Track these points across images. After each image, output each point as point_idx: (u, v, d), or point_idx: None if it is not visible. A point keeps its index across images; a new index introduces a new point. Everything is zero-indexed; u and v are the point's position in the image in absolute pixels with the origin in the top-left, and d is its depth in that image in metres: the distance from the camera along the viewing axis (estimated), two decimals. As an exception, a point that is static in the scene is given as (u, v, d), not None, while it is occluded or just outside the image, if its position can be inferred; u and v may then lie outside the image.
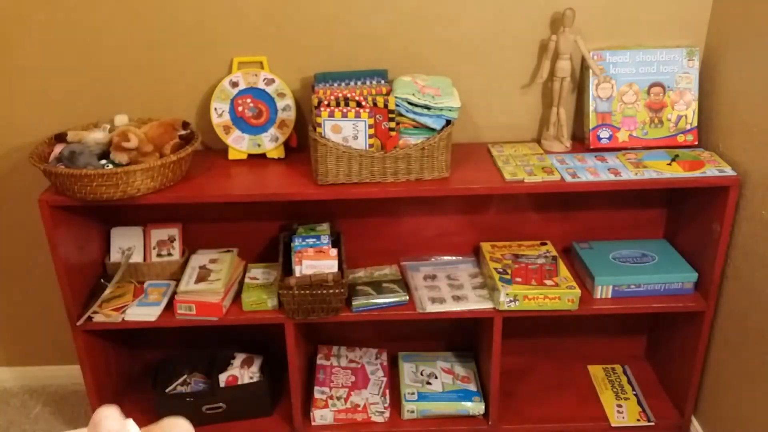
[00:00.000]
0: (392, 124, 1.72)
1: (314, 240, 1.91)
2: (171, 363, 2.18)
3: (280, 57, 1.92)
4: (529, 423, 2.07)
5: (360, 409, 2.05)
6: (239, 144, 1.93)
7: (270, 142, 1.94)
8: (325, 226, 2.03)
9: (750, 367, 1.79)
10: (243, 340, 2.21)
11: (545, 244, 2.09)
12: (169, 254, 2.02)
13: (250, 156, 1.95)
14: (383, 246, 2.12)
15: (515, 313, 1.88)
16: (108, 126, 1.87)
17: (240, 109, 1.91)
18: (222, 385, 2.07)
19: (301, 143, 1.97)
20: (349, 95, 1.73)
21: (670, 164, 1.82)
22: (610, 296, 1.92)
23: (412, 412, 2.06)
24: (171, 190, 1.76)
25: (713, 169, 1.78)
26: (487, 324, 1.98)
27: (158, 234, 2.04)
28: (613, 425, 2.06)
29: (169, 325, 1.89)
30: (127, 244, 2.02)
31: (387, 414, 2.06)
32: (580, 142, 2.01)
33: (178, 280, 1.94)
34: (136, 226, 2.04)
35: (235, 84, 1.90)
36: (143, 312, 1.88)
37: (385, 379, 2.16)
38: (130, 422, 1.03)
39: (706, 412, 2.03)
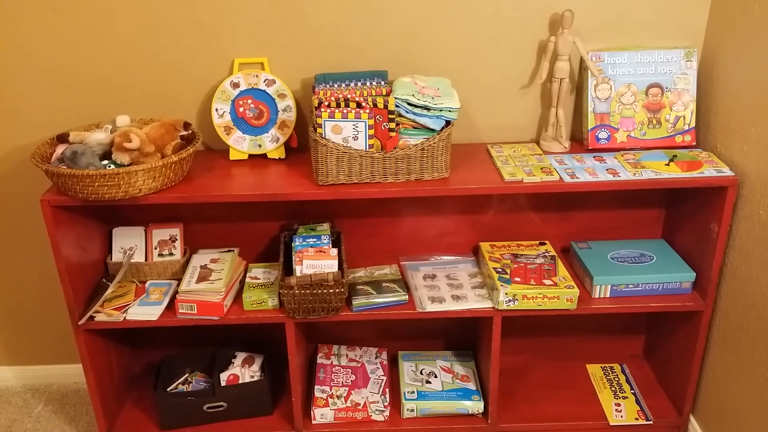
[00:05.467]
0: (392, 125, 1.73)
1: (314, 240, 1.92)
2: (172, 362, 2.19)
3: (281, 58, 1.93)
4: (528, 422, 2.08)
5: (360, 407, 2.06)
6: (240, 144, 1.94)
7: (271, 143, 1.95)
8: (325, 226, 2.04)
9: (748, 366, 1.80)
10: (244, 339, 2.22)
11: (544, 243, 2.10)
12: (171, 254, 2.03)
13: (251, 156, 1.97)
14: (383, 246, 2.13)
15: (514, 312, 1.89)
16: (110, 126, 1.88)
17: (241, 109, 1.92)
18: (223, 383, 2.08)
19: (302, 144, 1.98)
20: (349, 96, 1.74)
21: (668, 165, 1.83)
22: (608, 296, 1.93)
23: (412, 410, 2.07)
24: (172, 191, 1.77)
25: (711, 169, 1.79)
26: (487, 323, 1.99)
27: (160, 234, 2.05)
28: (611, 424, 2.07)
29: (170, 324, 1.90)
30: (128, 243, 2.03)
31: (387, 413, 2.07)
32: (578, 142, 2.02)
33: (179, 280, 1.95)
34: (138, 226, 2.06)
35: (236, 85, 1.91)
36: (145, 311, 1.89)
37: (385, 377, 2.17)
38: None
39: (704, 411, 2.04)
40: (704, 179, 1.77)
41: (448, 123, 1.77)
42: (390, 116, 1.72)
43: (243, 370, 2.12)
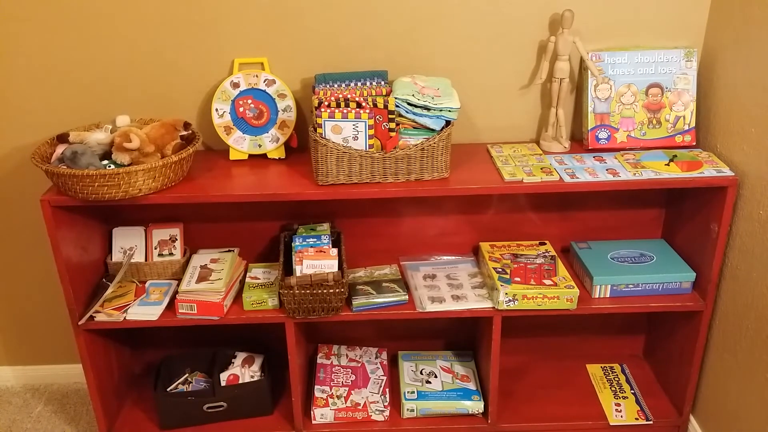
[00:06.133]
0: (392, 125, 1.73)
1: (314, 240, 1.92)
2: (172, 362, 2.19)
3: (281, 58, 1.93)
4: (528, 422, 2.08)
5: (360, 407, 2.06)
6: (240, 144, 1.94)
7: (271, 143, 1.95)
8: (325, 226, 2.04)
9: (748, 366, 1.80)
10: (244, 339, 2.22)
11: (544, 243, 2.10)
12: (171, 254, 2.03)
13: (251, 156, 1.97)
14: (383, 246, 2.13)
15: (514, 312, 1.89)
16: (110, 126, 1.88)
17: (241, 109, 1.92)
18: (223, 384, 2.08)
19: (302, 144, 1.98)
20: (349, 96, 1.74)
21: (668, 165, 1.83)
22: (608, 296, 1.93)
23: (412, 410, 2.07)
24: (172, 191, 1.77)
25: (711, 169, 1.79)
26: (487, 323, 1.99)
27: (160, 234, 2.05)
28: (611, 424, 2.07)
29: (170, 324, 1.90)
30: (128, 243, 2.03)
31: (387, 413, 2.07)
32: (578, 142, 2.02)
33: (179, 280, 1.95)
34: (138, 226, 2.05)
35: (236, 85, 1.91)
36: (145, 311, 1.89)
37: (385, 377, 2.17)
38: None
39: (704, 410, 2.04)
40: (704, 179, 1.76)
41: (448, 123, 1.77)
42: (390, 116, 1.72)
43: (243, 370, 2.12)
